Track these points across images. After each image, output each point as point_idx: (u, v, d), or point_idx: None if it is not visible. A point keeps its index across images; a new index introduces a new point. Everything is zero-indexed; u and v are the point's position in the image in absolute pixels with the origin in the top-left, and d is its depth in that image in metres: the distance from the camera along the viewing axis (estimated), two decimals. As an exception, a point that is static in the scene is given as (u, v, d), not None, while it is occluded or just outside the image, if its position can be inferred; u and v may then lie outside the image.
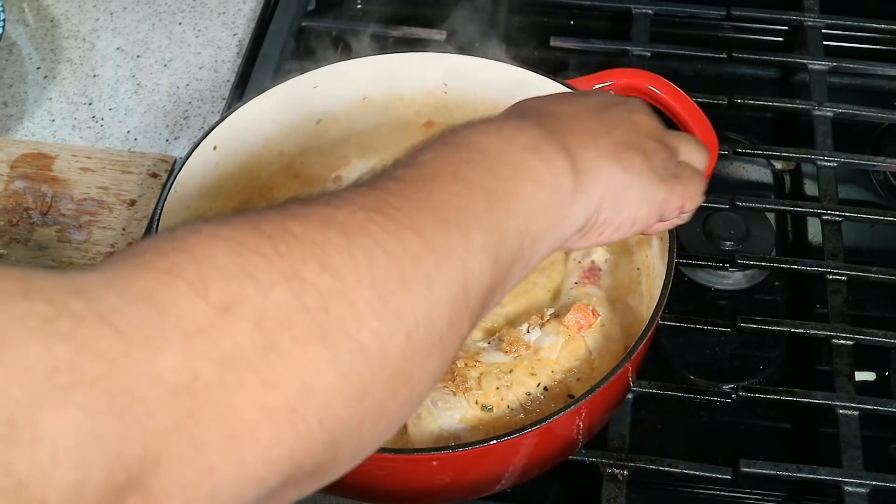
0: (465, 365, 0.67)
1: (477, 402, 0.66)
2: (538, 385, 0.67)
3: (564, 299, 0.72)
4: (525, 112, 0.54)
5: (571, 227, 0.52)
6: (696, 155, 0.62)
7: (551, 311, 0.71)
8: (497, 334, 0.71)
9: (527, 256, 0.48)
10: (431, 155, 0.47)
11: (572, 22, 1.07)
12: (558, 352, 0.68)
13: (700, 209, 0.85)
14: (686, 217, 0.63)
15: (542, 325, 0.69)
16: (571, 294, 0.72)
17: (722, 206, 0.87)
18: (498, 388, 0.66)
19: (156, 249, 0.36)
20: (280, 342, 0.36)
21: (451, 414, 0.65)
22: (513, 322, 0.72)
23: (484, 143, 0.49)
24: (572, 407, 0.61)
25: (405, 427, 0.67)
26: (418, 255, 0.41)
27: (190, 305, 0.34)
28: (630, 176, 0.54)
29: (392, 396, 0.40)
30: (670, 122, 0.79)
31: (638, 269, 0.75)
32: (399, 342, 0.39)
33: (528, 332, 0.69)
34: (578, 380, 0.68)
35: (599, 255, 0.75)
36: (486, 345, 0.70)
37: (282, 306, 0.36)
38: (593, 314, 0.69)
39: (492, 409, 0.66)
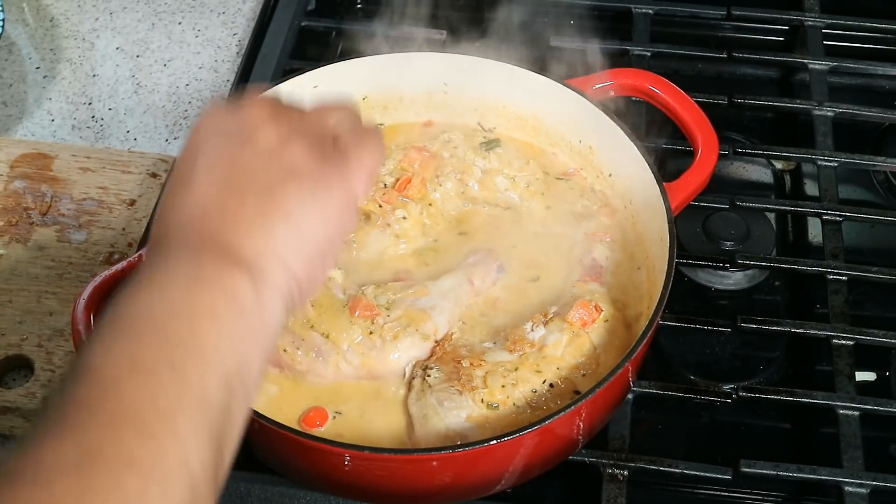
0: (471, 364, 0.67)
1: (483, 401, 0.66)
2: (544, 382, 0.67)
3: (567, 297, 0.72)
4: (169, 236, 0.51)
5: (275, 323, 0.50)
6: (340, 114, 0.57)
7: (555, 308, 0.71)
8: (502, 333, 0.71)
9: (241, 391, 0.47)
10: (101, 350, 0.45)
11: (572, 22, 1.07)
12: (563, 348, 0.68)
13: (701, 209, 0.86)
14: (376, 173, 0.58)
15: (545, 323, 0.69)
16: (574, 291, 0.72)
17: (722, 206, 0.87)
18: (503, 387, 0.66)
19: None
20: None
21: (458, 413, 0.65)
22: (517, 321, 0.72)
23: (146, 308, 0.47)
24: (572, 407, 0.61)
25: (412, 427, 0.67)
26: (142, 492, 0.40)
27: None
28: (294, 218, 0.51)
29: None
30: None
31: (639, 268, 0.75)
32: None
33: (533, 330, 0.69)
34: (584, 375, 0.68)
35: (600, 253, 0.75)
36: (491, 344, 0.70)
37: None
38: (596, 310, 0.69)
39: (498, 407, 0.66)
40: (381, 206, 0.77)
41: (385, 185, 0.78)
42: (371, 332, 0.70)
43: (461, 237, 0.78)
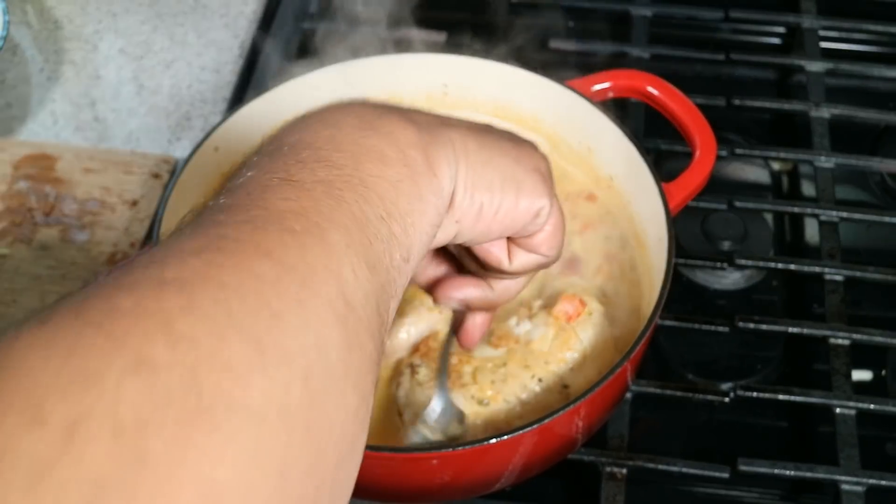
0: (459, 361, 0.68)
1: (473, 397, 0.66)
2: (533, 377, 0.67)
3: (550, 290, 0.73)
4: (352, 101, 0.47)
5: (440, 200, 0.44)
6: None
7: (539, 302, 0.71)
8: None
9: (405, 245, 0.41)
10: (251, 172, 0.40)
11: (571, 24, 1.08)
12: (550, 343, 0.68)
13: (699, 210, 0.87)
14: (529, 260, 0.54)
15: (531, 318, 0.70)
16: (556, 285, 0.73)
17: (720, 206, 0.88)
18: (493, 382, 0.66)
19: None
20: (152, 449, 0.28)
21: (449, 410, 0.66)
22: (501, 315, 0.72)
23: (308, 137, 0.42)
24: (571, 406, 0.61)
25: (403, 425, 0.67)
26: (277, 281, 0.34)
27: (30, 440, 0.27)
28: (490, 150, 0.47)
29: (322, 458, 0.33)
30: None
31: (635, 268, 0.76)
32: (297, 391, 0.32)
33: (518, 324, 0.69)
34: (572, 369, 0.68)
35: (578, 245, 0.76)
36: None
37: (139, 404, 0.28)
38: (581, 304, 0.70)
39: (488, 403, 0.66)
40: None
41: None
42: None
43: None
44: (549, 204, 0.50)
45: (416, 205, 0.42)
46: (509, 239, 0.53)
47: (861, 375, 0.82)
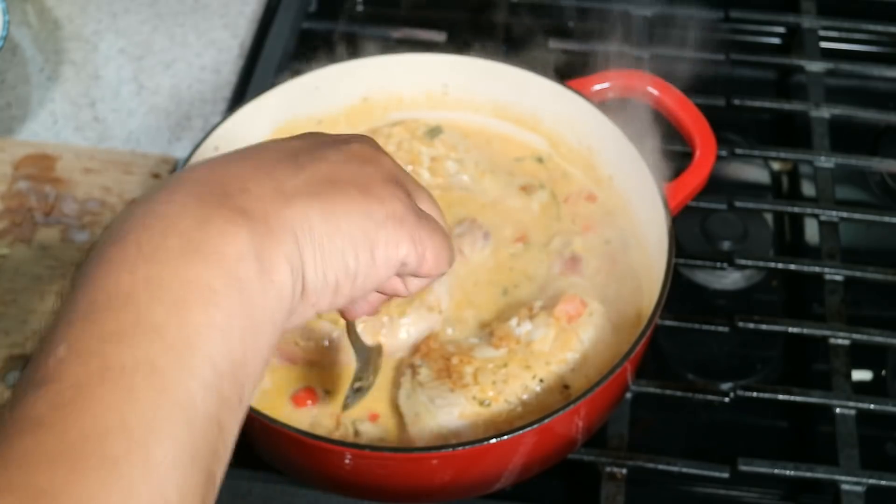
0: (461, 361, 0.68)
1: (475, 398, 0.66)
2: (534, 377, 0.67)
3: (551, 291, 0.73)
4: (180, 183, 0.42)
5: (281, 305, 0.41)
6: (436, 212, 0.51)
7: (540, 303, 0.71)
8: (487, 329, 0.71)
9: (233, 397, 0.39)
10: (63, 351, 0.36)
11: (571, 24, 1.08)
12: (550, 343, 0.68)
13: (699, 209, 0.87)
14: (423, 282, 0.52)
15: (531, 318, 0.70)
16: (557, 285, 0.73)
17: (720, 206, 0.88)
18: (494, 383, 0.67)
19: None
20: None
21: (450, 410, 0.66)
22: (503, 316, 0.73)
23: (125, 284, 0.38)
24: (571, 406, 0.61)
25: (405, 425, 0.68)
26: None
27: None
28: (336, 216, 0.44)
29: None
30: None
31: (636, 268, 0.76)
32: None
33: (519, 325, 0.70)
34: (573, 370, 0.68)
35: (579, 245, 0.76)
36: (476, 340, 0.70)
37: None
38: (582, 304, 0.70)
39: (490, 404, 0.66)
40: None
41: None
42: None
43: None
44: (410, 249, 0.47)
45: (249, 339, 0.40)
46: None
47: (861, 375, 0.82)
